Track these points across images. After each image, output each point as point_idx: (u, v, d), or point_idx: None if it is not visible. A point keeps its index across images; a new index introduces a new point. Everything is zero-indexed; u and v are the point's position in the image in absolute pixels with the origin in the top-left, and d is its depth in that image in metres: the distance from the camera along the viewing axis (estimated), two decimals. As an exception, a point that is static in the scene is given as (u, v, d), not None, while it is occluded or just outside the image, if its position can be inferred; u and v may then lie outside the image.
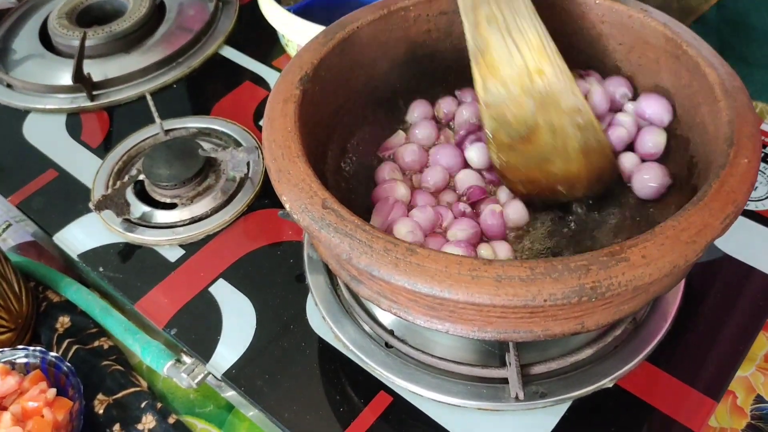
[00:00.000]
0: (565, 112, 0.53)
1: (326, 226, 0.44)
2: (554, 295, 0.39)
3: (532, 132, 0.54)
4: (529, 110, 0.54)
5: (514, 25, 0.53)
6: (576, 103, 0.53)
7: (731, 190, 0.43)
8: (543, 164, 0.55)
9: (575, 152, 0.54)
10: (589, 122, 0.53)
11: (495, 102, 0.54)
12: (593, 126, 0.53)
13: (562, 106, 0.53)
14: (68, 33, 0.89)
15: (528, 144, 0.55)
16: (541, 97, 0.53)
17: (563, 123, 0.53)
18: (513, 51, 0.53)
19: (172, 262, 0.67)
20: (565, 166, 0.55)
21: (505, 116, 0.54)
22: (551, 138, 0.54)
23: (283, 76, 0.54)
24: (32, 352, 0.65)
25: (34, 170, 0.77)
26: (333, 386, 0.57)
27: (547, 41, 0.53)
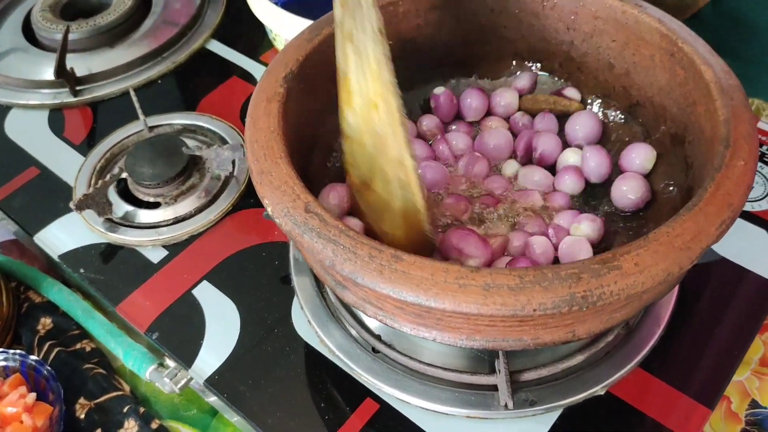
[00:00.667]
0: (391, 162, 0.47)
1: (309, 231, 0.42)
2: (544, 304, 0.38)
3: (371, 178, 0.49)
4: (369, 151, 0.48)
5: (363, 47, 0.46)
6: (398, 154, 0.46)
7: (727, 194, 0.41)
8: (378, 219, 0.50)
9: (398, 213, 0.48)
10: (407, 181, 0.46)
11: (350, 134, 0.49)
12: (410, 187, 0.46)
13: (388, 154, 0.46)
14: (52, 26, 0.87)
15: (368, 191, 0.49)
16: (377, 138, 0.47)
17: (390, 175, 0.47)
18: (361, 78, 0.47)
19: (155, 264, 0.65)
20: (391, 227, 0.49)
21: (355, 153, 0.49)
22: (382, 190, 0.48)
23: (267, 73, 0.53)
24: (12, 355, 0.63)
25: (15, 168, 0.75)
26: (318, 392, 0.56)
27: (382, 69, 0.46)
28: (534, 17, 0.59)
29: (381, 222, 0.50)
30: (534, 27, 0.60)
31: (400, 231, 0.49)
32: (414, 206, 0.47)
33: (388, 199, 0.48)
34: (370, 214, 0.50)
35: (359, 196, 0.51)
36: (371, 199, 0.49)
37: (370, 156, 0.48)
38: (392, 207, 0.48)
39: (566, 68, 0.61)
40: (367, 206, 0.50)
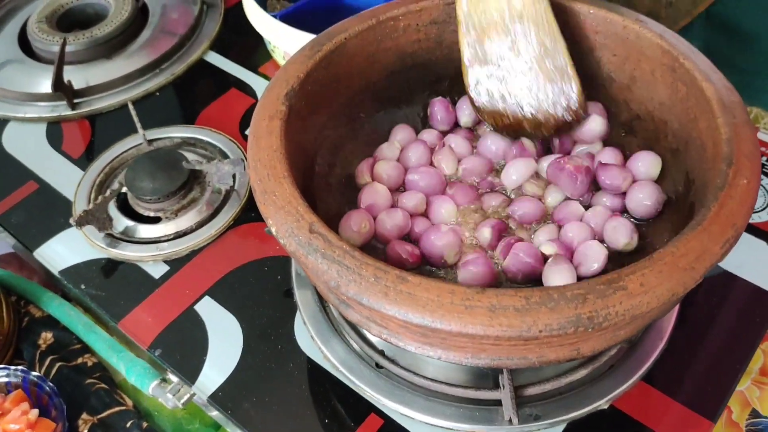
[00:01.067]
0: (537, 45, 0.52)
1: (313, 252, 0.42)
2: (550, 325, 0.38)
3: (506, 61, 0.53)
4: (503, 36, 0.52)
5: None
6: (548, 36, 0.52)
7: (730, 214, 0.42)
8: (513, 98, 0.54)
9: (546, 92, 0.53)
10: (562, 66, 0.52)
11: (477, 23, 0.53)
12: (566, 69, 0.52)
13: (533, 38, 0.52)
14: (48, 38, 0.86)
15: (501, 72, 0.53)
16: (516, 24, 0.52)
17: (537, 61, 0.52)
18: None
19: (156, 279, 0.65)
20: (535, 104, 0.54)
21: (483, 44, 0.53)
22: (524, 73, 0.53)
23: (269, 90, 0.53)
24: (14, 371, 0.63)
25: (14, 182, 0.75)
26: (322, 408, 0.56)
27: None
28: (534, 31, 0.59)
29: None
30: (534, 41, 0.60)
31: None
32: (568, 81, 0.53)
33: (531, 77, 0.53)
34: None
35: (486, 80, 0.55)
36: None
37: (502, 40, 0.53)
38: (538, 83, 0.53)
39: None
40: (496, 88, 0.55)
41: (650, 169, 0.55)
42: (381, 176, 0.58)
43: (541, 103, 0.55)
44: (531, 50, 0.53)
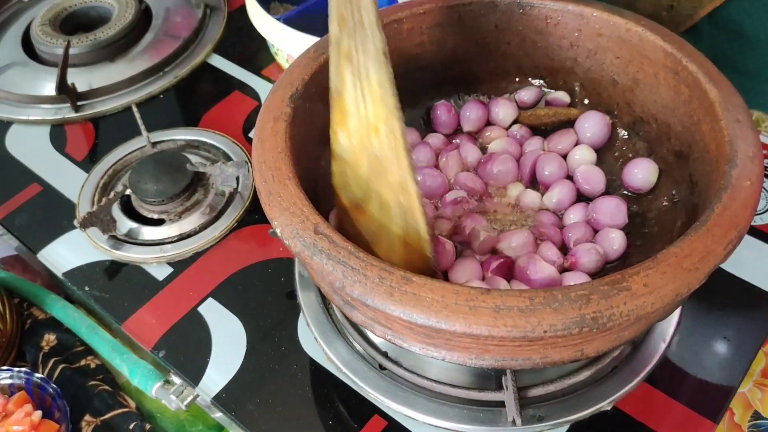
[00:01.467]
0: (391, 187, 0.45)
1: (318, 253, 0.42)
2: (554, 326, 0.38)
3: (365, 201, 0.48)
4: (364, 174, 0.47)
5: (364, 68, 0.45)
6: (401, 179, 0.44)
7: (734, 215, 0.42)
8: (372, 242, 0.48)
9: (397, 238, 0.47)
10: (410, 207, 0.45)
11: (342, 155, 0.48)
12: (414, 213, 0.45)
13: (388, 178, 0.45)
14: (52, 41, 0.87)
15: (361, 214, 0.48)
16: (375, 162, 0.46)
17: (389, 199, 0.46)
18: (360, 99, 0.46)
19: (160, 281, 0.65)
20: (387, 251, 0.47)
21: (346, 174, 0.48)
22: (378, 214, 0.47)
23: (273, 92, 0.53)
24: (17, 373, 0.63)
25: (17, 184, 0.75)
26: (326, 410, 0.56)
27: (385, 92, 0.44)
28: (538, 34, 0.60)
29: (376, 246, 0.48)
30: (538, 44, 0.60)
31: (398, 256, 0.47)
32: (417, 233, 0.46)
33: (385, 223, 0.47)
34: (361, 237, 0.49)
35: (349, 218, 0.50)
36: (364, 222, 0.48)
37: (365, 179, 0.47)
38: (390, 231, 0.47)
39: (570, 84, 0.62)
40: (359, 229, 0.49)
41: (648, 176, 0.56)
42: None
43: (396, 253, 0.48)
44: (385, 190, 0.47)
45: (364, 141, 0.46)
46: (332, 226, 0.43)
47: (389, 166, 0.45)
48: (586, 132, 0.59)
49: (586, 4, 0.57)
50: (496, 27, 0.60)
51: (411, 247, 0.47)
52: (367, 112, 0.46)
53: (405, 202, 0.45)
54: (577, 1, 0.57)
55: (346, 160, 0.48)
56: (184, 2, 0.96)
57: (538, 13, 0.58)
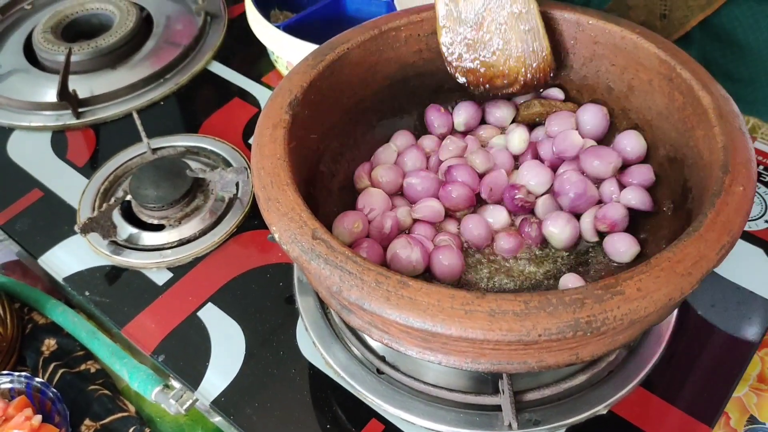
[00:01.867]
0: (511, 13, 0.54)
1: (316, 258, 0.43)
2: (549, 329, 0.39)
3: (479, 22, 0.55)
4: (479, 2, 0.55)
5: None
6: (524, 5, 0.54)
7: (727, 220, 0.42)
8: (485, 55, 0.57)
9: (517, 52, 0.55)
10: (534, 28, 0.55)
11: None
12: (538, 31, 0.55)
13: (509, 5, 0.54)
14: (53, 48, 0.87)
15: (474, 32, 0.56)
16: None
17: (509, 22, 0.55)
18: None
19: (160, 286, 0.66)
20: (505, 60, 0.56)
21: (458, 4, 0.55)
22: (497, 33, 0.56)
23: (272, 99, 0.53)
24: (17, 377, 0.64)
25: (19, 190, 0.76)
26: (324, 414, 0.56)
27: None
28: (534, 42, 0.60)
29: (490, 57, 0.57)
30: (534, 51, 0.61)
31: (516, 65, 0.56)
32: (539, 46, 0.55)
33: (503, 39, 0.56)
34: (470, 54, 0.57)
35: (455, 35, 0.56)
36: (474, 38, 0.56)
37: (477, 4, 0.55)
38: (509, 47, 0.55)
39: (566, 91, 0.62)
40: (470, 45, 0.57)
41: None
42: (378, 180, 0.58)
43: (513, 60, 0.57)
44: (504, 13, 0.55)
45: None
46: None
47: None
48: (586, 125, 0.60)
49: (582, 12, 0.58)
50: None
51: (532, 55, 0.56)
52: None
53: (527, 18, 0.54)
54: (573, 9, 0.58)
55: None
56: (185, 10, 0.96)
57: (535, 21, 0.59)
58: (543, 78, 0.58)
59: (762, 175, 0.71)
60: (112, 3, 0.94)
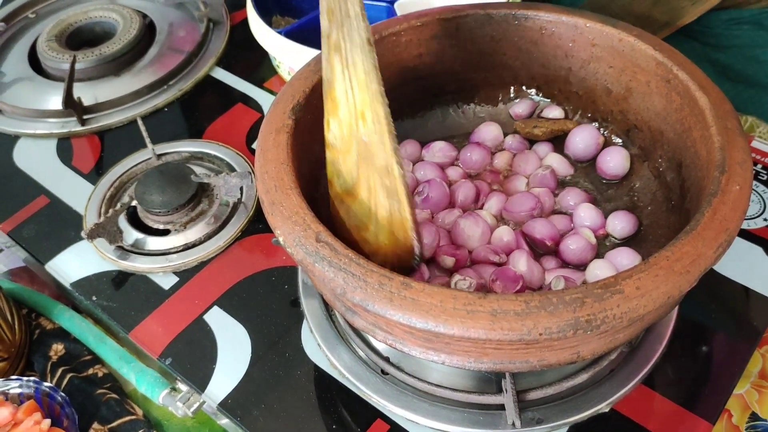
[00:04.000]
0: (377, 171, 0.48)
1: (320, 260, 0.43)
2: (549, 328, 0.39)
3: (355, 186, 0.50)
4: (353, 160, 0.49)
5: (350, 57, 0.47)
6: (386, 163, 0.47)
7: (723, 219, 0.43)
8: (360, 227, 0.51)
9: (383, 220, 0.49)
10: (394, 189, 0.47)
11: (333, 143, 0.50)
12: (398, 195, 0.47)
13: (375, 163, 0.48)
14: (58, 56, 0.88)
15: (352, 198, 0.50)
16: (362, 147, 0.48)
17: (376, 183, 0.48)
18: (348, 88, 0.48)
19: (166, 290, 0.66)
20: (374, 234, 0.50)
21: (338, 162, 0.50)
22: (367, 199, 0.49)
23: (275, 104, 0.54)
24: (26, 382, 0.64)
25: (25, 197, 0.76)
26: (329, 415, 0.57)
27: (370, 78, 0.47)
28: (533, 45, 0.61)
29: (364, 230, 0.50)
30: (533, 54, 0.62)
31: (384, 239, 0.50)
32: (400, 214, 0.48)
33: (372, 207, 0.49)
34: (351, 223, 0.51)
35: (341, 205, 0.52)
36: (354, 207, 0.51)
37: (354, 165, 0.49)
38: (377, 215, 0.49)
39: (565, 93, 0.63)
40: (349, 215, 0.51)
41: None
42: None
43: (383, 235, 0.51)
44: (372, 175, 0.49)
45: (353, 128, 0.48)
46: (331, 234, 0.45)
47: (376, 151, 0.47)
48: (578, 144, 0.61)
49: (579, 15, 0.58)
50: (492, 38, 0.61)
51: (396, 228, 0.49)
52: (355, 100, 0.48)
53: (389, 183, 0.47)
54: (571, 12, 0.59)
55: (338, 148, 0.50)
56: (188, 17, 0.97)
57: (533, 24, 0.60)
58: (407, 261, 0.51)
59: (760, 173, 0.72)
60: (115, 11, 0.95)
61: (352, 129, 0.48)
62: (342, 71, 0.48)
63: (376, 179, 0.48)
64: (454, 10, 0.60)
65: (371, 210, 0.49)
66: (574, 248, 0.55)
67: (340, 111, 0.49)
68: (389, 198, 0.48)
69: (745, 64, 0.81)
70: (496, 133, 0.64)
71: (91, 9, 0.96)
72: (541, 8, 0.59)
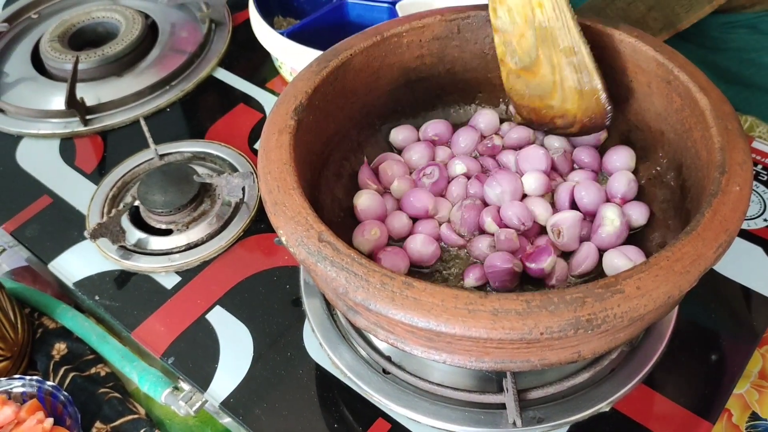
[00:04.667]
0: (562, 51, 0.54)
1: (322, 260, 0.44)
2: (550, 328, 0.40)
3: (534, 64, 0.56)
4: (531, 42, 0.55)
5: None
6: (571, 43, 0.54)
7: (723, 220, 0.43)
8: (543, 96, 0.57)
9: (571, 91, 0.56)
10: (583, 64, 0.54)
11: (503, 28, 0.56)
12: (588, 69, 0.54)
13: (558, 44, 0.54)
14: (60, 56, 0.89)
15: (531, 74, 0.57)
16: (541, 31, 0.54)
17: (561, 61, 0.55)
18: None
19: (169, 289, 0.67)
20: (561, 102, 0.57)
21: (512, 44, 0.57)
22: (550, 73, 0.56)
23: (278, 105, 0.54)
24: (29, 381, 0.64)
25: (28, 197, 0.77)
26: (331, 413, 0.57)
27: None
28: (533, 46, 0.61)
29: (548, 99, 0.57)
30: (534, 55, 0.62)
31: (572, 105, 0.56)
32: (591, 84, 0.54)
33: (557, 80, 0.56)
34: (532, 93, 0.58)
35: (517, 79, 0.58)
36: (534, 81, 0.57)
37: (532, 46, 0.55)
38: (564, 86, 0.56)
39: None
40: (529, 87, 0.58)
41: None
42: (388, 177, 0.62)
43: (569, 103, 0.58)
44: (556, 51, 0.56)
45: (528, 15, 0.54)
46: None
47: (558, 34, 0.54)
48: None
49: (580, 17, 0.58)
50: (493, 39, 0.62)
51: (586, 95, 0.55)
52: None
53: (578, 61, 0.54)
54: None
55: (509, 31, 0.56)
56: (190, 17, 0.98)
57: (534, 26, 0.60)
58: (600, 120, 0.57)
59: (760, 174, 0.72)
60: (118, 11, 0.95)
61: (527, 16, 0.54)
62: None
63: (561, 58, 0.54)
64: (456, 11, 0.61)
65: (556, 83, 0.56)
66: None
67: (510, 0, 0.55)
68: (577, 72, 0.54)
69: (741, 67, 0.82)
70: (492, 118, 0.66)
71: (93, 10, 0.97)
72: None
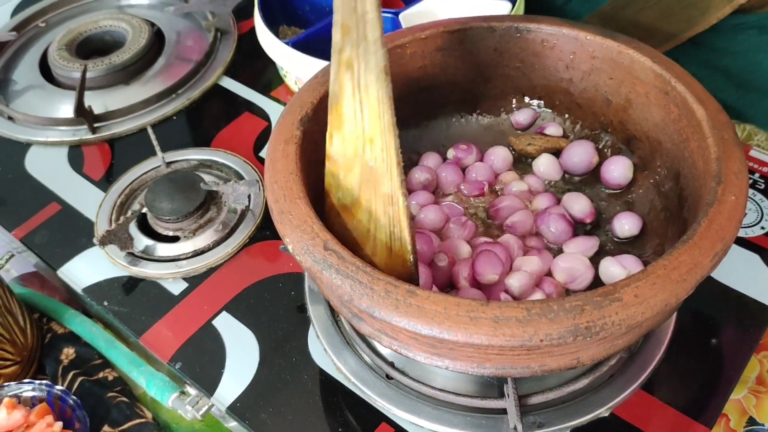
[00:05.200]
0: (381, 197, 0.48)
1: (328, 268, 0.45)
2: (550, 335, 0.40)
3: (354, 205, 0.50)
4: (355, 180, 0.49)
5: (363, 80, 0.47)
6: (391, 192, 0.47)
7: (720, 228, 0.44)
8: (356, 244, 0.51)
9: (381, 245, 0.49)
10: (396, 218, 0.48)
11: (335, 158, 0.50)
12: (400, 224, 0.48)
13: (379, 189, 0.48)
14: (68, 65, 0.90)
15: (350, 216, 0.51)
16: (367, 171, 0.48)
17: (378, 209, 0.48)
18: (358, 110, 0.47)
19: (176, 295, 0.68)
20: (371, 255, 0.50)
21: (339, 176, 0.50)
22: (366, 220, 0.50)
23: (284, 116, 0.55)
24: (38, 385, 0.65)
25: (37, 204, 0.78)
26: (335, 418, 0.58)
27: (383, 108, 0.46)
28: (535, 57, 0.62)
29: (361, 247, 0.51)
30: (535, 66, 0.63)
31: (381, 260, 0.50)
32: (401, 242, 0.49)
33: (371, 229, 0.49)
34: (348, 237, 0.51)
35: (337, 217, 0.52)
36: (352, 223, 0.51)
37: (356, 184, 0.49)
38: (376, 237, 0.49)
39: (566, 104, 0.64)
40: (346, 228, 0.51)
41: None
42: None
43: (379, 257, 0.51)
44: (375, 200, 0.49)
45: (358, 150, 0.48)
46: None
47: (381, 178, 0.47)
48: (572, 157, 0.63)
49: (580, 27, 0.60)
50: (495, 50, 0.63)
51: (395, 254, 0.49)
52: (364, 123, 0.47)
53: (393, 213, 0.48)
54: (572, 25, 0.60)
55: (339, 163, 0.50)
56: (196, 26, 0.99)
57: (535, 37, 0.61)
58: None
59: (757, 182, 0.73)
60: (125, 20, 0.96)
61: (358, 151, 0.48)
62: (352, 91, 0.47)
63: (379, 204, 0.48)
64: (458, 22, 0.62)
65: (370, 231, 0.49)
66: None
67: (345, 128, 0.49)
68: (391, 225, 0.48)
69: (750, 69, 0.82)
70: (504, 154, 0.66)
71: (100, 18, 0.98)
72: (542, 21, 0.61)
